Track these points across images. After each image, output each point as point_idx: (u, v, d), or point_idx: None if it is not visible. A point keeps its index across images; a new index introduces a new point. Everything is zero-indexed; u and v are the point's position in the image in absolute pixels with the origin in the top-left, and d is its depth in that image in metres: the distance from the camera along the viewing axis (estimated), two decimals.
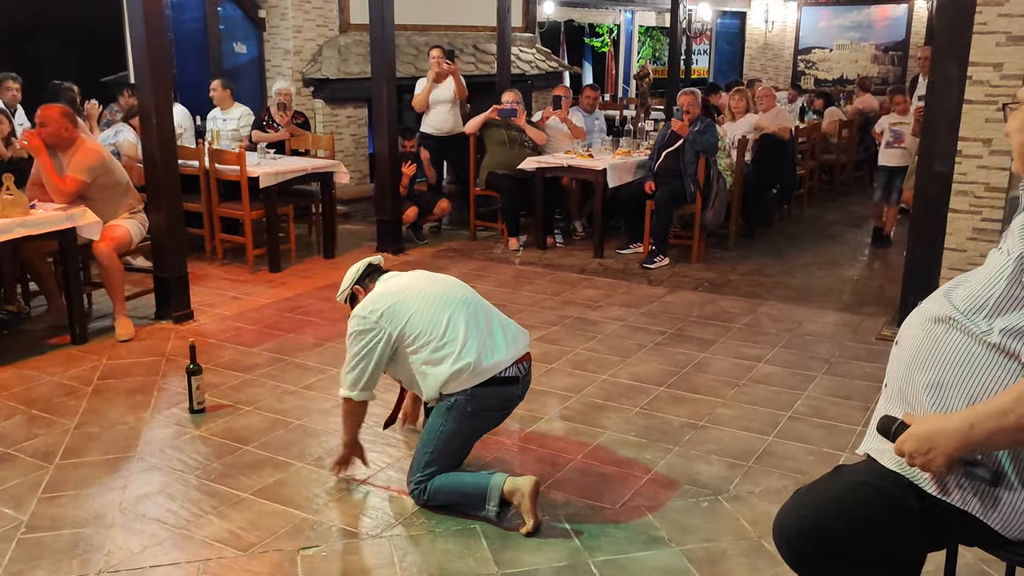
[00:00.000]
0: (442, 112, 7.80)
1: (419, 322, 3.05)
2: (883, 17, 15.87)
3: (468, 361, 2.99)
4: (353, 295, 3.29)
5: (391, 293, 3.12)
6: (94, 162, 4.83)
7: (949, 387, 1.71)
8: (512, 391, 3.13)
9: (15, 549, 2.87)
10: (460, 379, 3.01)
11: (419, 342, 3.05)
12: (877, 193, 7.31)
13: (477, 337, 3.05)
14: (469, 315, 3.10)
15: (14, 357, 4.62)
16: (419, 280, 3.22)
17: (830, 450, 3.61)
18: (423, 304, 3.07)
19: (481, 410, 3.09)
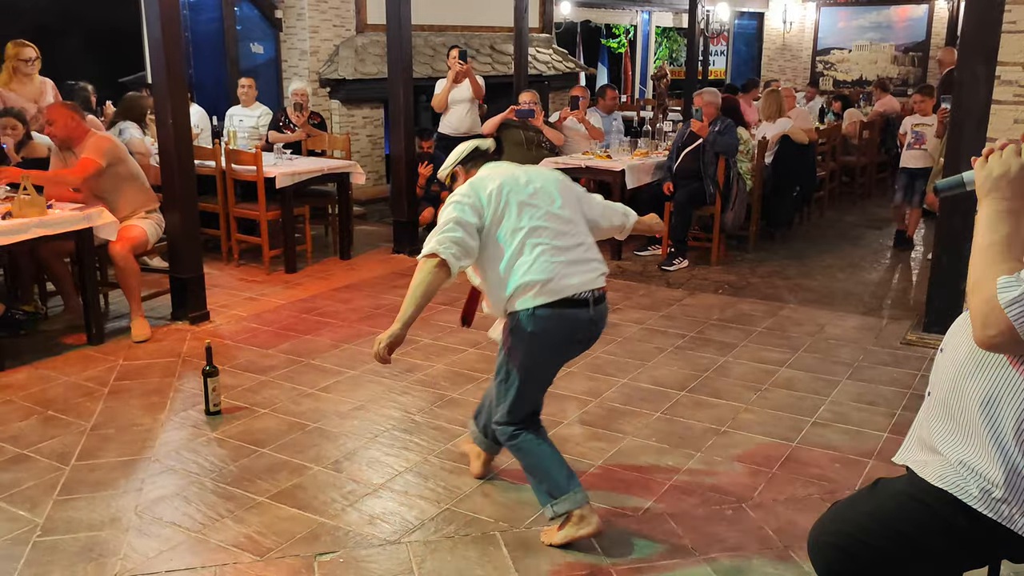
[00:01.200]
0: (460, 112, 7.76)
1: (505, 227, 2.83)
2: (903, 17, 15.71)
3: (535, 278, 2.77)
4: (454, 176, 3.11)
5: (489, 187, 2.87)
6: (108, 146, 4.83)
7: (1000, 401, 1.64)
8: (578, 314, 2.82)
9: (30, 552, 2.84)
10: (524, 295, 2.78)
11: (499, 245, 2.83)
12: (898, 195, 7.21)
13: (552, 255, 2.81)
14: (555, 232, 2.85)
15: (31, 357, 4.60)
16: (520, 180, 2.92)
17: (856, 457, 3.54)
18: (515, 209, 2.84)
19: (542, 333, 2.80)
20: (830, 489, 3.27)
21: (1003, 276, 1.56)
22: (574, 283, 2.80)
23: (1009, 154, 1.66)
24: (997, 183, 1.66)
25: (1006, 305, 1.54)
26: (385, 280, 6.25)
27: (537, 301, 2.77)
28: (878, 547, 1.69)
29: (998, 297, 1.55)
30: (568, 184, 3.07)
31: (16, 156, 5.33)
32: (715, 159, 6.51)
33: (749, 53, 17.33)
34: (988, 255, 1.62)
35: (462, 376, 4.41)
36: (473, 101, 7.79)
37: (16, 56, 5.86)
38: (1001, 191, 1.66)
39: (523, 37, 8.79)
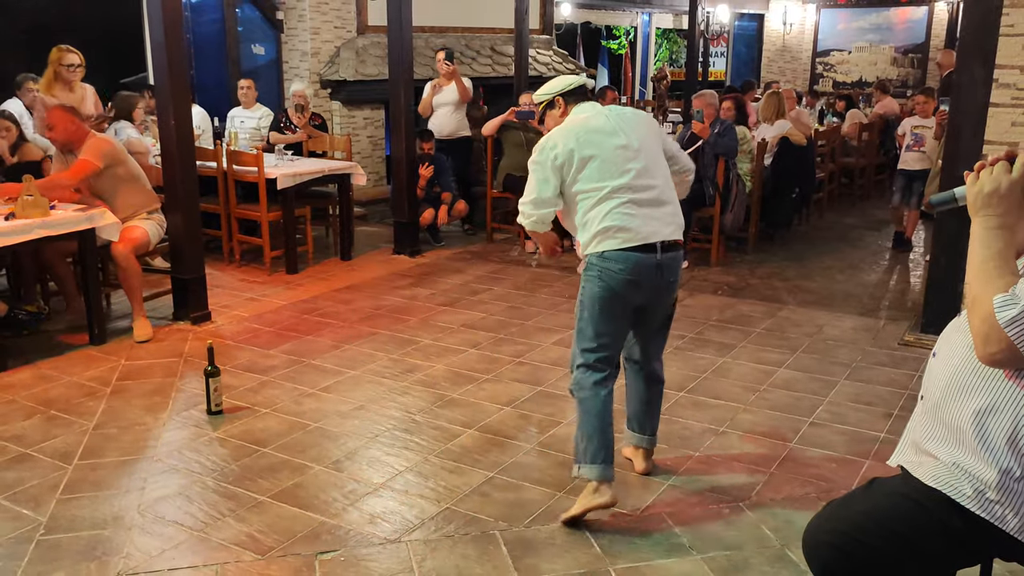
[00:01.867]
0: (445, 115, 7.75)
1: (586, 183, 3.07)
2: (903, 19, 15.75)
3: (607, 225, 3.02)
4: (552, 103, 3.28)
5: (574, 145, 3.07)
6: (107, 148, 4.86)
7: (993, 412, 1.66)
8: (644, 259, 3.02)
9: (34, 550, 2.87)
10: (597, 240, 3.04)
11: (579, 198, 3.09)
12: (896, 197, 7.23)
13: (628, 208, 3.04)
14: (632, 187, 3.06)
15: (33, 357, 4.63)
16: (607, 130, 3.12)
17: (853, 457, 3.56)
18: (596, 167, 3.07)
19: (607, 273, 3.02)
20: (827, 489, 3.30)
21: (999, 295, 1.58)
22: (644, 232, 3.03)
23: (999, 170, 1.68)
24: (988, 199, 1.68)
25: (1005, 324, 1.56)
26: (386, 281, 6.27)
27: (606, 246, 3.03)
28: (873, 546, 1.71)
29: (996, 316, 1.57)
30: (653, 126, 3.29)
31: (10, 158, 5.36)
32: (715, 160, 6.54)
33: (749, 55, 17.36)
34: (983, 272, 1.64)
35: (462, 376, 4.43)
36: (459, 103, 7.78)
37: (59, 61, 5.80)
38: (992, 207, 1.68)
39: (523, 38, 8.82)
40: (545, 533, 2.99)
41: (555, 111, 3.28)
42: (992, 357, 1.61)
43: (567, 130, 3.14)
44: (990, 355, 1.60)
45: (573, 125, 3.15)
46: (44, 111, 5.65)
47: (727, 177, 6.57)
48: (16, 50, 8.51)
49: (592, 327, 3.09)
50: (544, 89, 3.34)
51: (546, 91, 3.31)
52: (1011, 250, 1.67)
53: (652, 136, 3.21)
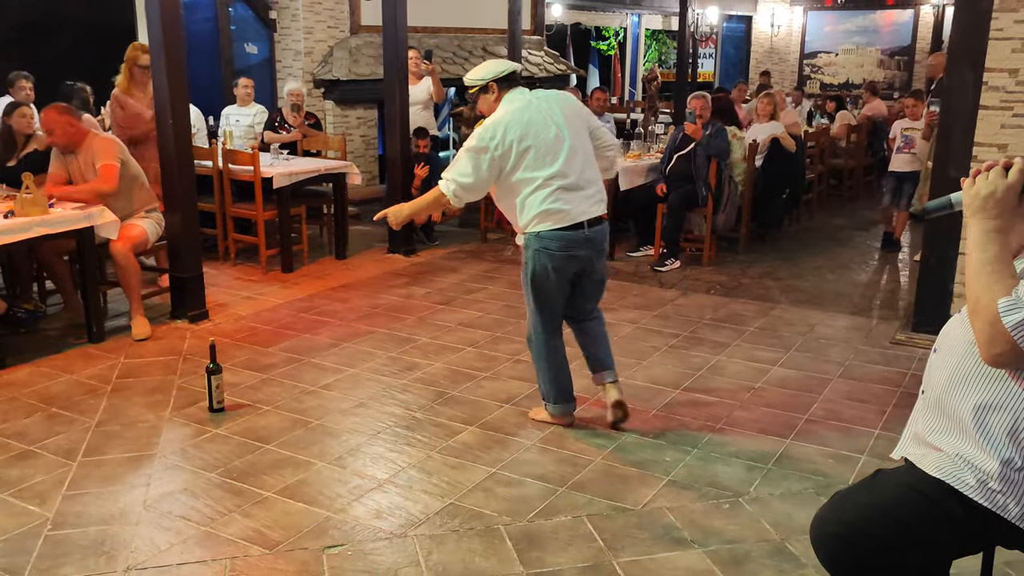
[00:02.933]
0: (414, 113, 7.70)
1: (523, 172, 3.46)
2: (889, 22, 15.91)
3: (543, 209, 3.47)
4: (486, 87, 3.55)
5: (513, 135, 3.43)
6: (116, 147, 4.92)
7: (994, 408, 1.72)
8: (575, 235, 3.52)
9: (42, 546, 2.89)
10: (534, 223, 3.50)
11: (516, 184, 3.49)
12: (886, 198, 7.32)
13: (560, 194, 3.48)
14: (563, 174, 3.48)
15: (32, 355, 4.64)
16: (542, 121, 3.48)
17: (849, 452, 3.63)
18: (533, 157, 3.46)
19: (544, 250, 3.52)
20: (825, 484, 3.36)
21: (1003, 299, 1.64)
22: (574, 213, 3.51)
23: (996, 175, 1.74)
24: (984, 203, 1.74)
25: (1012, 328, 1.62)
26: (381, 280, 6.30)
27: (543, 227, 3.50)
28: (878, 535, 1.77)
29: (1002, 320, 1.62)
30: (577, 107, 3.69)
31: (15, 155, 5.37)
32: (707, 162, 6.61)
33: (737, 56, 17.49)
34: (983, 275, 1.69)
35: (461, 374, 4.47)
36: (429, 102, 7.80)
37: (135, 60, 5.70)
38: (988, 211, 1.73)
39: (517, 39, 8.88)
40: (549, 527, 3.04)
41: (489, 96, 3.56)
42: (997, 359, 1.66)
43: (506, 122, 3.44)
44: (995, 356, 1.66)
45: (512, 118, 3.46)
46: (121, 110, 5.67)
47: (719, 178, 6.64)
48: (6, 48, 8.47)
49: (541, 296, 3.63)
50: (478, 74, 3.57)
51: (480, 76, 3.56)
52: (1007, 252, 1.72)
53: (578, 118, 3.61)
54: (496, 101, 3.56)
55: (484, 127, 3.47)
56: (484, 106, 3.60)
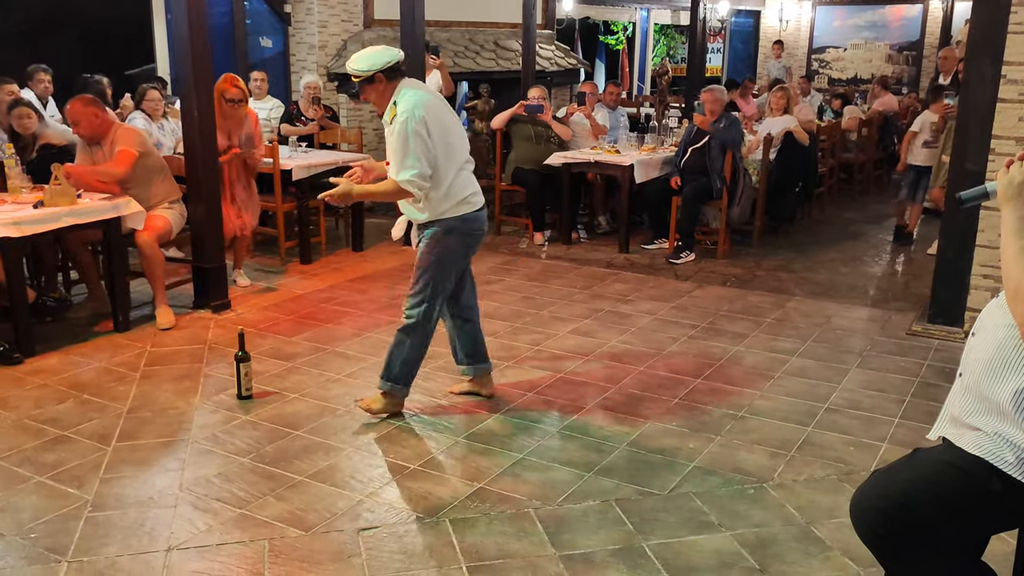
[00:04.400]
0: None
1: (445, 154, 3.55)
2: (898, 17, 15.92)
3: (465, 193, 3.63)
4: (372, 78, 3.53)
5: (435, 119, 3.52)
6: (138, 137, 4.96)
7: None
8: (484, 215, 3.75)
9: (84, 526, 2.95)
10: (457, 207, 3.61)
11: (441, 169, 3.55)
12: (903, 192, 7.35)
13: (468, 176, 3.69)
14: (468, 157, 3.71)
15: (60, 343, 4.70)
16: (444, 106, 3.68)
17: (870, 440, 3.68)
18: (452, 138, 3.60)
19: (470, 234, 3.71)
20: (847, 471, 3.41)
21: None
22: (479, 196, 3.73)
23: None
24: (1019, 190, 1.80)
25: None
26: (399, 271, 6.36)
27: (466, 210, 3.65)
28: (917, 510, 1.82)
29: None
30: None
31: None
32: (722, 154, 6.65)
33: (745, 51, 17.50)
34: (1022, 261, 1.74)
35: None
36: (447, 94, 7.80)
37: (222, 92, 5.53)
38: (1022, 198, 1.79)
39: (531, 33, 8.91)
40: (578, 511, 3.10)
41: (377, 86, 3.55)
42: None
43: (424, 105, 3.49)
44: None
45: (427, 100, 3.53)
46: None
47: (734, 171, 6.68)
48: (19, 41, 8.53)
49: (445, 279, 3.72)
50: (362, 65, 3.53)
51: (365, 67, 3.52)
52: None
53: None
54: (386, 91, 3.55)
55: (406, 115, 3.46)
56: (375, 96, 3.58)
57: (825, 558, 2.83)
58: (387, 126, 3.58)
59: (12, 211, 4.42)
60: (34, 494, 3.16)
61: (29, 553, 2.80)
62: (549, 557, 2.82)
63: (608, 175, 7.29)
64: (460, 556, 2.82)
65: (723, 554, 2.85)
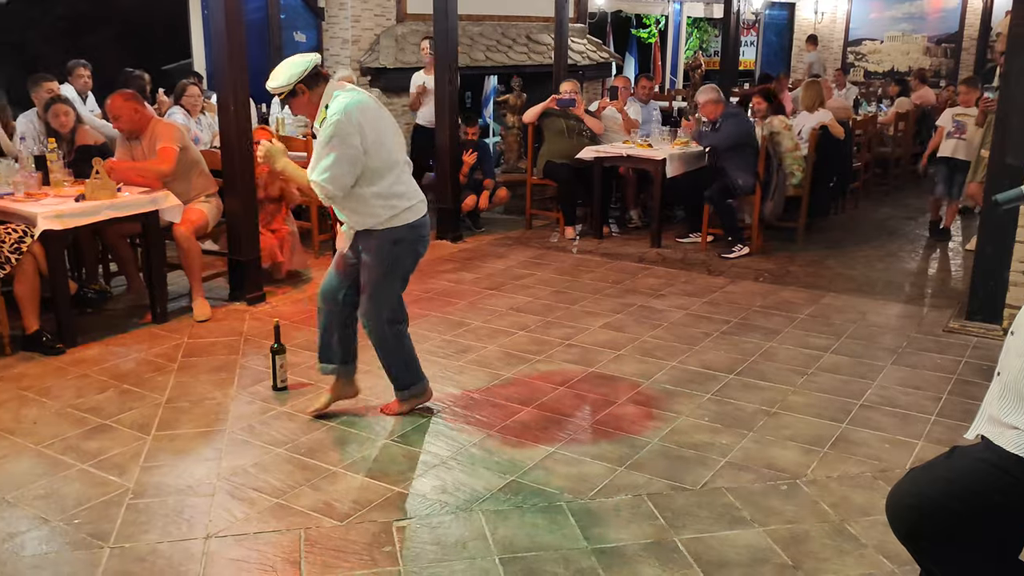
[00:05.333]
0: (432, 104, 7.78)
1: (380, 156, 3.40)
2: (936, 8, 15.67)
3: (412, 201, 3.51)
4: (294, 91, 3.36)
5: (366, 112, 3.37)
6: (177, 132, 5.03)
7: None
8: (426, 221, 3.62)
9: (125, 513, 3.02)
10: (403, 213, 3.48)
11: (376, 172, 3.40)
12: (939, 188, 7.26)
13: (410, 179, 3.56)
14: (407, 159, 3.61)
15: (100, 334, 4.79)
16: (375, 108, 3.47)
17: (905, 438, 3.65)
18: (385, 139, 3.44)
19: (418, 241, 3.60)
20: (881, 468, 3.39)
21: None
22: (423, 200, 3.61)
23: None
24: None
25: None
26: (430, 265, 6.39)
27: (413, 216, 3.52)
28: (954, 508, 1.81)
29: None
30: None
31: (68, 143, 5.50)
32: (732, 152, 6.59)
33: (779, 44, 17.32)
34: None
35: (515, 357, 4.55)
36: None
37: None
38: None
39: (563, 27, 8.90)
40: (610, 505, 3.11)
41: (301, 98, 3.37)
42: None
43: (361, 107, 3.33)
44: None
45: (362, 103, 3.36)
46: None
47: (768, 166, 6.63)
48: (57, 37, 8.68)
49: (399, 288, 3.63)
50: (281, 80, 3.33)
51: (284, 81, 3.33)
52: None
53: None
54: (311, 100, 3.37)
55: (336, 116, 3.28)
56: (302, 110, 3.43)
57: (859, 555, 2.82)
58: (319, 130, 3.39)
59: (55, 204, 4.52)
60: (77, 481, 3.23)
61: (73, 539, 2.86)
62: (581, 550, 2.83)
63: (640, 169, 7.27)
64: (493, 548, 2.84)
65: (756, 550, 2.85)
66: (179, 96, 6.73)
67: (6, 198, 4.61)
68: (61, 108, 5.40)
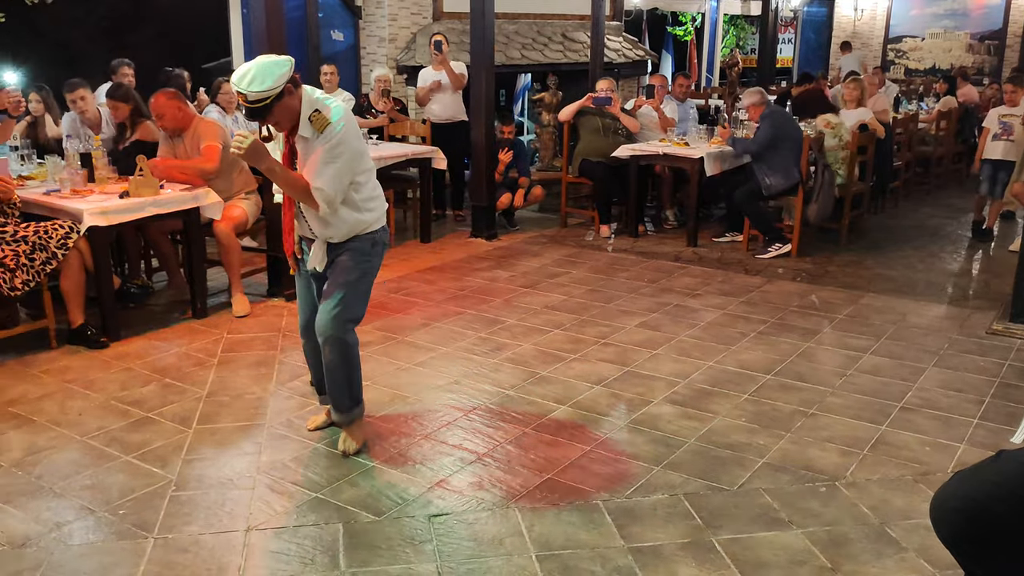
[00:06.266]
0: (444, 100, 7.73)
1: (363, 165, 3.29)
2: (979, 5, 15.38)
3: (383, 203, 3.42)
4: (282, 92, 3.01)
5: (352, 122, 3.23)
6: (220, 130, 5.11)
7: None
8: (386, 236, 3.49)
9: (168, 504, 3.07)
10: (378, 218, 3.38)
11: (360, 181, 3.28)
12: (983, 187, 7.14)
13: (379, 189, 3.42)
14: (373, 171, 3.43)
15: (143, 329, 4.88)
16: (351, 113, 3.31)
17: (947, 441, 3.60)
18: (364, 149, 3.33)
19: (385, 247, 3.48)
20: (922, 471, 3.35)
21: None
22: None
23: None
24: None
25: None
26: (466, 263, 6.42)
27: (383, 221, 3.43)
28: (1000, 513, 1.79)
29: None
30: None
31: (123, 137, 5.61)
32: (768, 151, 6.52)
33: (817, 41, 17.12)
34: None
35: (550, 355, 4.55)
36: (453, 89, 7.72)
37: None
38: None
39: (600, 25, 8.88)
40: (647, 504, 3.11)
41: (288, 99, 3.05)
42: None
43: (348, 114, 3.19)
44: None
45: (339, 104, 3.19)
46: None
47: (815, 166, 6.55)
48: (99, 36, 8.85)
49: (367, 294, 3.46)
50: (269, 83, 2.97)
51: (273, 83, 2.97)
52: None
53: None
54: (294, 101, 3.07)
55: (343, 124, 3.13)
56: (285, 114, 3.08)
57: (900, 559, 2.79)
58: (311, 137, 3.13)
59: (100, 201, 4.61)
60: (121, 472, 3.30)
61: (118, 529, 2.92)
62: (618, 549, 2.83)
63: (676, 168, 7.23)
64: (529, 545, 2.85)
65: (794, 551, 2.83)
66: (215, 94, 6.82)
67: (53, 195, 4.71)
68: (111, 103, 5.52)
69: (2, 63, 7.46)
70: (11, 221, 4.45)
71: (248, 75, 2.98)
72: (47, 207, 4.63)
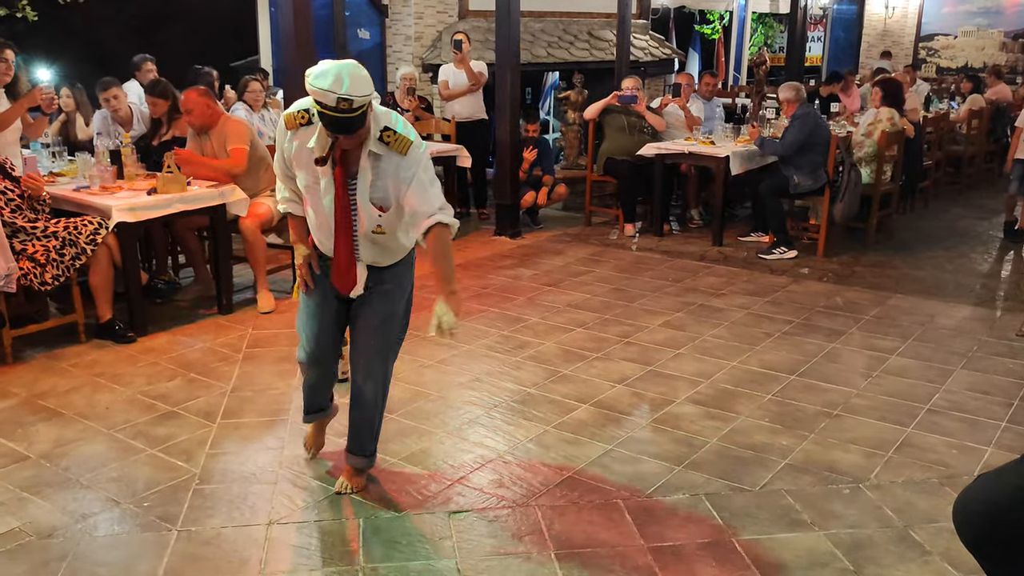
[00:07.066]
0: (463, 99, 7.70)
1: None
2: (1014, 2, 15.13)
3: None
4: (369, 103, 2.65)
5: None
6: (247, 130, 5.15)
7: None
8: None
9: (192, 498, 3.11)
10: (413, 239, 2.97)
11: None
12: (1013, 186, 7.03)
13: None
14: None
15: (168, 324, 4.94)
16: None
17: (974, 444, 3.55)
18: None
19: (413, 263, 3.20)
20: (948, 474, 3.30)
21: None
22: None
23: None
24: None
25: None
26: (490, 261, 6.43)
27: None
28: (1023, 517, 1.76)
29: None
30: None
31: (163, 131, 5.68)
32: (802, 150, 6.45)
33: (847, 39, 16.92)
34: None
35: (572, 354, 4.54)
36: (472, 88, 7.67)
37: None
38: None
39: (626, 24, 8.84)
40: (667, 504, 3.09)
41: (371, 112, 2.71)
42: None
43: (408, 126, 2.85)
44: None
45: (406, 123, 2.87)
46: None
47: (842, 164, 6.48)
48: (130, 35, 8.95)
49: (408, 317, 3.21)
50: (366, 87, 2.60)
51: (369, 89, 2.62)
52: None
53: None
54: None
55: (414, 141, 2.78)
56: (366, 128, 2.69)
57: (924, 562, 2.75)
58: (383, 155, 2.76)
59: (128, 198, 4.67)
60: (146, 465, 3.34)
61: (143, 521, 2.96)
62: (638, 548, 2.82)
63: (702, 167, 7.19)
64: (549, 543, 2.85)
65: (815, 553, 2.80)
66: (242, 92, 6.88)
67: (83, 191, 4.78)
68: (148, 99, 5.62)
69: (35, 61, 7.58)
70: (41, 217, 4.53)
71: (342, 79, 2.53)
72: (77, 203, 4.70)
